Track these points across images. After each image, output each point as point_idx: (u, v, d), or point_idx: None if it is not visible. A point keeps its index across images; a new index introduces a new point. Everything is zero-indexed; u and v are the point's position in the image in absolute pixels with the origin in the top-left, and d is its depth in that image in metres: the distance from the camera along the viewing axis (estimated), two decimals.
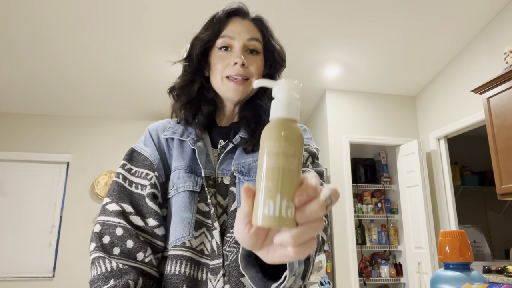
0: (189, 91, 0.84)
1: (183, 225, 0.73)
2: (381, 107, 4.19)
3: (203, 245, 0.73)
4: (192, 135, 0.82)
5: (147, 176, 0.78)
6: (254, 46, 0.82)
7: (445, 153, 3.78)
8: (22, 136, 4.31)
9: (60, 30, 3.12)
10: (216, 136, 0.85)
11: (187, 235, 0.72)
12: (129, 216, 0.73)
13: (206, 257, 0.72)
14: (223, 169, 0.80)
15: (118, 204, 0.74)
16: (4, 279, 3.95)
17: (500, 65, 3.03)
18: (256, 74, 0.82)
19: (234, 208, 0.75)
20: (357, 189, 4.41)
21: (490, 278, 2.62)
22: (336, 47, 3.50)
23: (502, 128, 2.65)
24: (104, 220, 0.72)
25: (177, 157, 0.80)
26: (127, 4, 2.89)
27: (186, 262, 0.71)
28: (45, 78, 3.74)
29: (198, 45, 0.82)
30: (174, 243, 0.72)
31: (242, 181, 0.77)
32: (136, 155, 0.82)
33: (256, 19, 0.86)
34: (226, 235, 0.73)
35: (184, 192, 0.75)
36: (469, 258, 0.67)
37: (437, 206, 3.74)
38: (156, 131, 0.86)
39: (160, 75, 3.67)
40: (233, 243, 0.72)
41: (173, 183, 0.77)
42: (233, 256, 0.71)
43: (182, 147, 0.82)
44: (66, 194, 4.26)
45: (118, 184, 0.77)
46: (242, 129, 0.83)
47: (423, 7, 3.03)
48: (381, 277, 4.08)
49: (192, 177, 0.77)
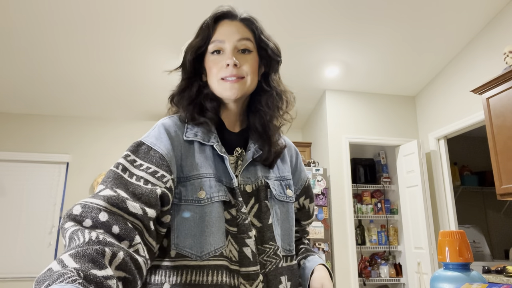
0: (188, 94, 0.85)
1: (219, 235, 0.74)
2: (381, 108, 4.20)
3: (231, 252, 0.76)
4: (212, 139, 0.82)
5: (163, 178, 0.70)
6: (245, 46, 0.83)
7: (444, 153, 3.78)
8: (22, 136, 4.31)
9: (59, 31, 3.12)
10: (230, 142, 0.87)
11: (224, 245, 0.75)
12: (126, 201, 0.61)
13: (234, 263, 0.75)
14: (244, 177, 0.83)
15: (113, 190, 0.63)
16: (4, 279, 3.95)
17: (499, 65, 3.03)
18: (250, 72, 0.83)
19: (271, 223, 0.81)
20: (357, 189, 4.41)
21: (489, 278, 2.62)
22: (336, 47, 3.51)
23: (501, 128, 2.66)
24: (87, 202, 0.59)
25: (203, 163, 0.79)
26: (127, 6, 2.89)
27: (225, 271, 0.73)
28: (45, 78, 3.74)
29: (189, 52, 0.84)
30: (213, 253, 0.73)
31: (274, 199, 0.84)
32: (146, 148, 0.74)
33: (245, 19, 0.87)
34: (264, 245, 0.79)
35: (219, 202, 0.76)
36: (469, 258, 0.67)
37: (436, 207, 3.74)
38: (174, 128, 0.81)
39: (159, 75, 3.67)
40: (273, 254, 0.79)
41: (204, 192, 0.76)
42: (272, 266, 0.78)
43: (204, 151, 0.81)
44: (65, 194, 4.26)
45: (114, 173, 0.67)
46: (253, 141, 0.88)
47: (423, 7, 3.03)
48: (381, 277, 4.08)
49: (222, 186, 0.78)
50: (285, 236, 0.85)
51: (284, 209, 0.86)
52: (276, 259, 0.79)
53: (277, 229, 0.82)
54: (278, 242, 0.81)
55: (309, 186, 0.99)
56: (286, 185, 0.89)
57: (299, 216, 0.98)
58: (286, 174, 0.91)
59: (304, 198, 0.97)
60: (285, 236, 0.85)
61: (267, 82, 0.89)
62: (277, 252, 0.80)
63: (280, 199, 0.85)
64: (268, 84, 0.89)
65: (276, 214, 0.84)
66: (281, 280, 0.78)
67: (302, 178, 0.97)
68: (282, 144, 0.91)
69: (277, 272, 0.78)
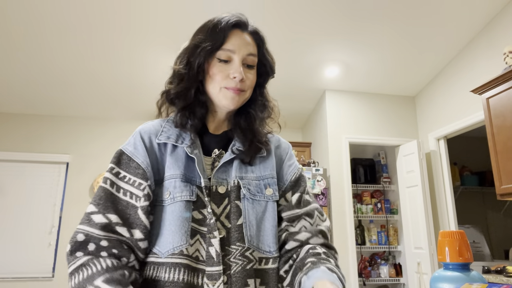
0: (186, 96, 0.85)
1: (181, 233, 0.76)
2: (381, 108, 4.20)
3: (198, 251, 0.77)
4: (186, 141, 0.83)
5: (140, 186, 0.78)
6: (252, 61, 0.86)
7: (444, 154, 3.78)
8: (21, 136, 4.31)
9: (59, 31, 3.12)
10: (210, 144, 0.88)
11: (185, 244, 0.76)
12: (116, 227, 0.74)
13: (201, 263, 0.76)
14: (217, 178, 0.83)
15: (105, 216, 0.74)
16: (4, 279, 3.95)
17: (499, 66, 3.03)
18: (250, 87, 0.86)
19: (241, 223, 0.80)
20: (357, 189, 4.41)
21: (489, 278, 2.62)
22: (335, 47, 3.51)
23: (501, 128, 2.66)
24: (88, 232, 0.73)
25: (171, 164, 0.81)
26: (124, 5, 2.89)
27: (184, 269, 0.75)
28: (44, 78, 3.74)
29: (201, 55, 0.82)
30: (172, 251, 0.75)
31: (248, 199, 0.83)
32: (126, 159, 0.81)
33: (254, 32, 0.88)
34: (231, 246, 0.78)
35: (181, 202, 0.78)
36: (469, 259, 0.67)
37: (436, 207, 3.74)
38: (148, 134, 0.85)
39: (158, 75, 3.67)
40: (239, 255, 0.78)
41: (169, 192, 0.79)
42: (238, 267, 0.77)
43: (176, 153, 0.83)
44: (65, 194, 4.26)
45: (105, 191, 0.77)
46: (237, 139, 0.88)
47: (423, 7, 3.03)
48: (381, 278, 4.08)
49: (188, 186, 0.79)
50: (263, 237, 0.82)
51: (261, 208, 0.83)
52: (243, 261, 0.78)
53: (250, 229, 0.80)
54: (248, 243, 0.79)
55: (298, 179, 0.92)
56: (266, 184, 0.87)
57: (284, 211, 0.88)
58: (268, 173, 0.88)
59: (291, 194, 0.90)
60: (263, 237, 0.82)
61: (259, 92, 0.92)
62: (245, 253, 0.79)
63: (255, 198, 0.83)
64: (261, 94, 0.92)
65: (250, 215, 0.81)
66: (247, 283, 0.77)
67: (290, 172, 0.92)
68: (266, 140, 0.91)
69: (244, 274, 0.77)
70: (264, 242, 0.82)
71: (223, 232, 0.79)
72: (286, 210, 0.88)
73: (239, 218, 0.80)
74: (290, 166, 0.94)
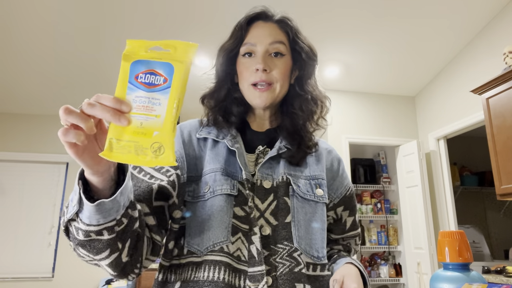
0: (217, 96, 0.85)
1: (221, 229, 0.71)
2: (381, 108, 4.20)
3: (239, 251, 0.71)
4: (228, 137, 0.81)
5: (167, 172, 0.74)
6: (277, 49, 0.81)
7: (444, 154, 3.78)
8: (21, 136, 4.31)
9: (59, 31, 3.12)
10: (253, 140, 0.84)
11: (226, 240, 0.71)
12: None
13: (243, 263, 0.71)
14: (263, 172, 0.78)
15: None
16: (4, 279, 3.95)
17: (499, 66, 3.03)
18: (280, 78, 0.81)
19: (289, 221, 0.75)
20: (357, 189, 4.41)
21: (489, 278, 2.62)
22: (335, 47, 3.51)
23: (501, 128, 2.66)
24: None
25: (212, 159, 0.78)
26: (127, 6, 2.89)
27: (225, 268, 0.69)
28: (44, 78, 3.74)
29: (221, 55, 0.83)
30: (211, 248, 0.70)
31: (297, 196, 0.78)
32: None
33: (280, 20, 0.85)
34: (277, 245, 0.73)
35: (222, 195, 0.73)
36: (469, 259, 0.67)
37: (436, 207, 3.74)
38: (188, 129, 0.84)
39: None
40: (287, 255, 0.72)
41: (209, 186, 0.75)
42: (285, 269, 0.71)
43: (217, 148, 0.81)
44: (65, 194, 4.26)
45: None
46: (283, 138, 0.83)
47: (423, 7, 3.03)
48: (381, 278, 4.08)
49: (229, 180, 0.75)
50: (312, 239, 0.76)
51: (311, 209, 0.78)
52: (291, 262, 0.72)
53: (299, 229, 0.75)
54: (297, 243, 0.74)
55: (352, 197, 0.91)
56: (317, 184, 0.82)
57: (333, 227, 0.89)
58: (318, 173, 0.84)
59: (343, 209, 0.88)
60: (311, 239, 0.76)
61: (300, 86, 0.86)
62: (293, 254, 0.73)
63: (305, 197, 0.78)
64: (302, 88, 0.86)
65: (298, 214, 0.76)
66: (295, 287, 0.70)
67: (344, 186, 0.89)
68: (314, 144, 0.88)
69: (292, 277, 0.71)
70: (313, 246, 0.76)
71: (268, 230, 0.73)
72: (338, 232, 0.90)
73: (287, 216, 0.75)
74: (345, 179, 0.91)
